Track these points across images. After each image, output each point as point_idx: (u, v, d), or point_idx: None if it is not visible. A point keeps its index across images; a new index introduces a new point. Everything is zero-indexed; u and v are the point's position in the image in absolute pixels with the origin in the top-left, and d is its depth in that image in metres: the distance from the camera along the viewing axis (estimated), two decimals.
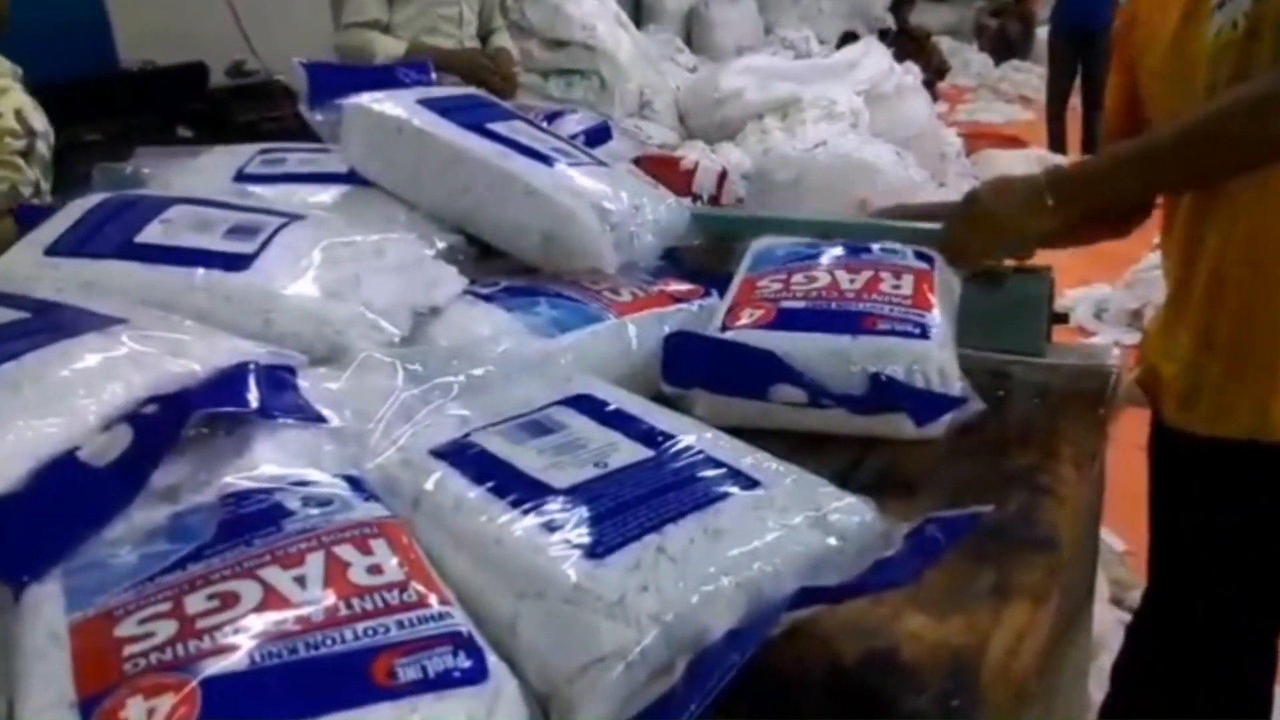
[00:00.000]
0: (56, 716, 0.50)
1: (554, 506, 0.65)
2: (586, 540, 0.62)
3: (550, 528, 0.64)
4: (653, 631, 0.57)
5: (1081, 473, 0.95)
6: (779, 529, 0.66)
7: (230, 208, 1.00)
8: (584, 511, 0.65)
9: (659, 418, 0.79)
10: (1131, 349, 3.51)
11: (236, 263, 0.91)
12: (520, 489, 0.68)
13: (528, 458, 0.71)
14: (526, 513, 0.65)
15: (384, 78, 1.35)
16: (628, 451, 0.72)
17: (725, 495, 0.68)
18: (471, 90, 1.29)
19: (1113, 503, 1.34)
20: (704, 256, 1.25)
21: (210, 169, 1.24)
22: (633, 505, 0.66)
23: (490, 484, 0.68)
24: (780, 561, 0.64)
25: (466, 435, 0.74)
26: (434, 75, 1.40)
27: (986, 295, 1.18)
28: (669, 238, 1.18)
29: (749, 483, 0.70)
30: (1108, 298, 3.96)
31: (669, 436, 0.75)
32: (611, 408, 0.79)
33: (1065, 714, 1.09)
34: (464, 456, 0.72)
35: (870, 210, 1.43)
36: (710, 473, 0.71)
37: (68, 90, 3.05)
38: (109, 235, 0.95)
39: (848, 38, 6.75)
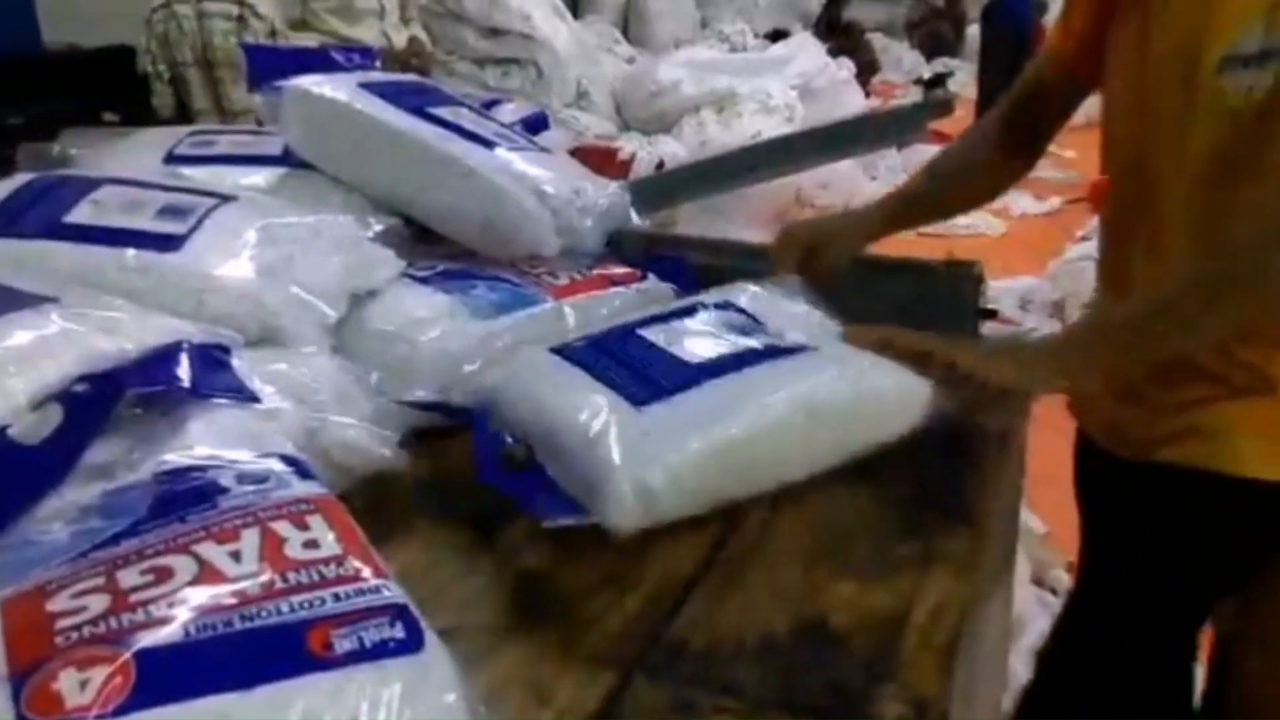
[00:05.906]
0: None
1: None
2: None
3: None
4: None
5: (1005, 449, 0.98)
6: None
7: (161, 188, 0.98)
8: None
9: None
10: None
11: (168, 243, 0.90)
12: None
13: None
14: None
15: (325, 61, 1.34)
16: None
17: None
18: (413, 76, 1.29)
19: (1033, 485, 1.37)
20: (643, 242, 1.26)
21: (140, 150, 1.22)
22: None
23: None
24: None
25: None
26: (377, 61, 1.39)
27: (914, 290, 1.18)
28: (610, 223, 1.18)
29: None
30: (1033, 289, 4.05)
31: None
32: None
33: (987, 688, 1.13)
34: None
35: (784, 232, 1.25)
36: None
37: None
38: (37, 215, 0.93)
39: (777, 35, 6.81)
